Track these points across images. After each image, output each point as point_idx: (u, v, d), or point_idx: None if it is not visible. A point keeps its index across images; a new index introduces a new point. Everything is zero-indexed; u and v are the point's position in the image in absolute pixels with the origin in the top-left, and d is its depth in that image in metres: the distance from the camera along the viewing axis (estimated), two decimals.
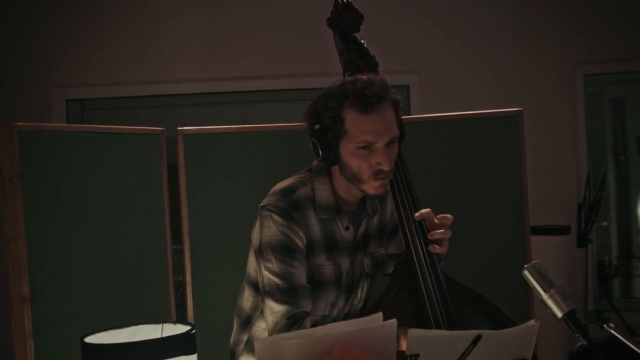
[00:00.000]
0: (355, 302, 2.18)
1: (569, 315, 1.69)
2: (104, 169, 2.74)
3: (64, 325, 2.49)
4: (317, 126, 1.96)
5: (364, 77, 1.94)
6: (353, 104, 1.90)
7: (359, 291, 2.16)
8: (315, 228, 2.00)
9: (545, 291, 1.71)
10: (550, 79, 4.85)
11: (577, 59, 4.86)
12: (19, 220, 2.41)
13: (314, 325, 1.95)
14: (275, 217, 1.95)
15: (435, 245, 2.01)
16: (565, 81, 4.86)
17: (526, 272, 1.76)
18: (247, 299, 2.12)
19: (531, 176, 4.43)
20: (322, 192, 2.02)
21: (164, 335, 1.82)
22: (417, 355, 1.35)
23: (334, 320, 2.11)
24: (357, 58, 2.29)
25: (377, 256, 2.18)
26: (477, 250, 3.05)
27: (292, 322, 1.90)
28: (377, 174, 1.94)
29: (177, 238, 3.03)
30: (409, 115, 4.52)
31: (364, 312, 2.18)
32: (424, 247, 2.04)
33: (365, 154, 1.93)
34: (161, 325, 1.84)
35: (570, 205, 4.65)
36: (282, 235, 1.94)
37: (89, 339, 1.71)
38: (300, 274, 1.95)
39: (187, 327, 1.78)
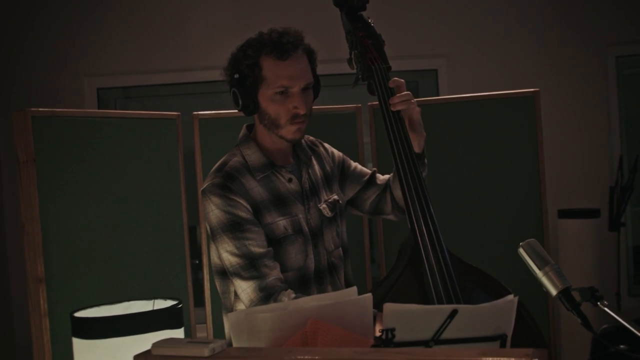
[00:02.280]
0: (330, 250, 2.20)
1: (564, 293, 1.67)
2: (120, 153, 2.79)
3: (80, 305, 2.54)
4: (236, 75, 2.08)
5: (280, 28, 2.08)
6: (270, 52, 2.03)
7: (328, 238, 2.20)
8: (257, 190, 2.06)
9: (539, 269, 1.70)
10: (582, 61, 4.74)
11: (609, 40, 4.74)
12: (33, 202, 2.49)
13: (292, 288, 2.01)
14: (213, 198, 2.01)
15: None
16: (597, 63, 4.75)
17: (521, 250, 1.74)
18: (222, 291, 2.15)
19: (562, 159, 4.40)
20: (252, 155, 2.11)
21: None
22: (392, 330, 1.35)
23: (317, 270, 2.14)
24: (363, 37, 2.30)
25: (332, 202, 2.24)
26: (496, 231, 3.04)
27: (266, 294, 1.95)
28: (294, 118, 2.07)
29: (194, 220, 3.08)
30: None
31: (375, 288, 2.18)
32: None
33: (282, 99, 2.05)
34: (153, 301, 1.88)
35: (603, 188, 4.56)
36: (225, 214, 2.00)
37: (80, 314, 1.75)
38: (257, 243, 2.00)
39: (174, 302, 1.80)
